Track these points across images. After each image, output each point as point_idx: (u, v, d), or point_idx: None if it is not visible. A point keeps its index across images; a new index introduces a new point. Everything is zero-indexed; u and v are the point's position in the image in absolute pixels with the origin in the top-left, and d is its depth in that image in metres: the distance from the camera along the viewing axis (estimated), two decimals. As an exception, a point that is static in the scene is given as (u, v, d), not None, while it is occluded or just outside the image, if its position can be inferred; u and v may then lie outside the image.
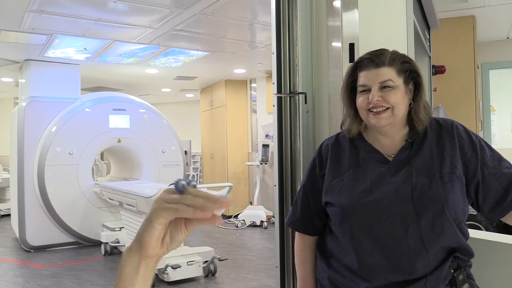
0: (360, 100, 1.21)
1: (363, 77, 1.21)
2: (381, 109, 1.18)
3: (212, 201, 0.57)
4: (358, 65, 1.23)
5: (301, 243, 1.39)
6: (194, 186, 0.59)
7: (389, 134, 1.24)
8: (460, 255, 1.18)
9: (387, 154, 1.23)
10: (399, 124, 1.22)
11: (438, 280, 1.14)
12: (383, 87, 1.18)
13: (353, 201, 1.20)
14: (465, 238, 1.20)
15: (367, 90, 1.20)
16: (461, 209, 1.16)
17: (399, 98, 1.18)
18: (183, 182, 0.58)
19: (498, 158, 1.19)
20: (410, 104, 1.22)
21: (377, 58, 1.19)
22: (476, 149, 1.19)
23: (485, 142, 1.21)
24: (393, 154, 1.23)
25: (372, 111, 1.19)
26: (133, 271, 0.59)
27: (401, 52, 1.25)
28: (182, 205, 0.56)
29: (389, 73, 1.18)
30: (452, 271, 1.17)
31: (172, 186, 0.59)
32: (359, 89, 1.22)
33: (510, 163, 1.20)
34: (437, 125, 1.24)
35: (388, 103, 1.17)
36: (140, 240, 0.58)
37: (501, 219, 1.20)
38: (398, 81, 1.18)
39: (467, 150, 1.19)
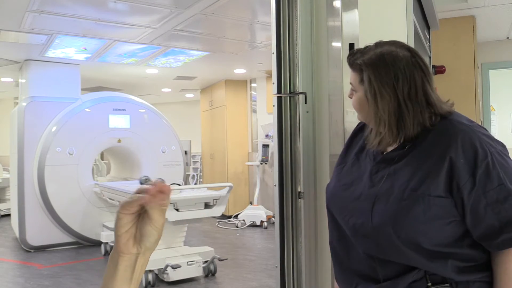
0: None
1: None
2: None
3: (156, 188, 0.62)
4: None
5: None
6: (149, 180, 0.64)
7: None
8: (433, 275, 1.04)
9: (384, 151, 1.17)
10: (375, 125, 1.18)
11: None
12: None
13: (333, 192, 1.23)
14: (439, 262, 1.02)
15: None
16: (422, 232, 1.00)
17: (357, 105, 1.17)
18: (145, 178, 0.64)
19: (507, 190, 0.97)
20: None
21: (350, 60, 1.19)
22: (476, 173, 0.98)
23: (498, 166, 0.98)
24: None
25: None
26: (113, 269, 0.63)
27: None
28: (130, 198, 0.62)
29: (352, 77, 1.18)
30: (429, 284, 1.03)
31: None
32: None
33: None
34: (443, 128, 1.06)
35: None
36: (114, 236, 0.63)
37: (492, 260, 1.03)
38: (359, 88, 1.15)
39: (463, 173, 0.99)
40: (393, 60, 1.07)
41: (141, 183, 0.75)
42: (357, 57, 1.14)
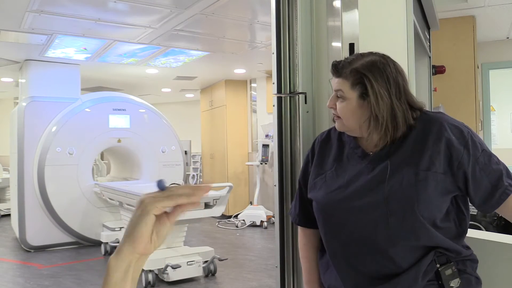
0: None
1: (331, 81, 1.27)
2: (337, 116, 1.24)
3: (197, 188, 0.64)
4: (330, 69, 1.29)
5: (303, 238, 1.43)
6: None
7: (357, 135, 1.25)
8: (445, 251, 1.17)
9: (370, 151, 1.24)
10: (362, 132, 1.21)
11: (416, 276, 1.14)
12: (338, 97, 1.22)
13: (329, 197, 1.24)
14: (448, 236, 1.17)
15: None
16: (436, 207, 1.14)
17: (347, 112, 1.20)
18: (165, 182, 0.65)
19: (488, 154, 1.16)
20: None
21: (337, 68, 1.22)
22: (468, 145, 1.14)
23: (476, 137, 1.17)
24: (375, 150, 1.24)
25: (333, 115, 1.26)
26: (123, 275, 0.60)
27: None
28: (175, 195, 0.62)
29: (341, 84, 1.21)
30: (438, 265, 1.15)
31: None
32: None
33: (498, 159, 1.17)
34: (426, 119, 1.20)
35: (338, 113, 1.22)
36: (133, 237, 0.60)
37: (497, 212, 1.20)
38: (350, 94, 1.19)
39: (458, 146, 1.14)
40: (383, 66, 1.19)
41: (163, 189, 0.70)
42: (344, 65, 1.21)
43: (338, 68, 1.22)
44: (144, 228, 0.60)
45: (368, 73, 1.17)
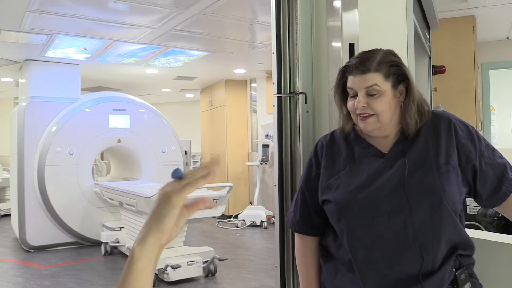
0: (350, 104, 1.22)
1: (350, 81, 1.20)
2: (367, 114, 1.18)
3: (208, 165, 0.68)
4: (346, 70, 1.23)
5: (302, 245, 1.37)
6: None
7: (381, 135, 1.23)
8: (462, 251, 1.17)
9: (383, 149, 1.22)
10: (390, 126, 1.21)
11: (443, 280, 1.12)
12: (370, 94, 1.17)
13: (349, 197, 1.19)
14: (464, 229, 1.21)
15: (356, 95, 1.20)
16: (458, 199, 1.16)
17: (385, 106, 1.16)
18: (181, 170, 0.66)
19: (491, 148, 1.21)
20: (401, 106, 1.21)
21: (362, 64, 1.17)
22: (474, 140, 1.20)
23: (479, 133, 1.23)
24: (388, 149, 1.23)
25: (360, 116, 1.20)
26: (147, 264, 0.62)
27: (398, 51, 1.24)
28: (193, 181, 0.64)
29: (374, 78, 1.16)
30: (454, 270, 1.15)
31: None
32: (349, 91, 1.22)
33: (500, 154, 1.22)
34: (434, 116, 1.23)
35: (373, 110, 1.17)
36: (161, 229, 0.63)
37: (497, 210, 1.24)
38: (385, 85, 1.16)
39: (465, 141, 1.19)
40: (397, 55, 1.24)
41: (180, 177, 0.68)
42: (367, 59, 1.18)
43: (364, 64, 1.17)
44: (172, 221, 0.63)
45: (399, 60, 1.20)
